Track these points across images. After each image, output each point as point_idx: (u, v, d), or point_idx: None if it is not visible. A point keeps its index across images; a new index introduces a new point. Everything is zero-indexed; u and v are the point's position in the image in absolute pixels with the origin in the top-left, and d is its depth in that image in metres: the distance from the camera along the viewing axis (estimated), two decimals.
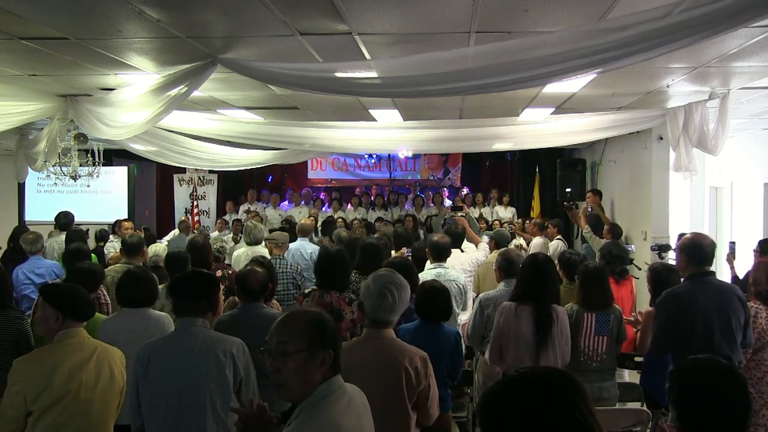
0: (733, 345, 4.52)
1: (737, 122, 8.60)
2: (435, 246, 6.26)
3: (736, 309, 4.56)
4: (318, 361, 2.39)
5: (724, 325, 4.51)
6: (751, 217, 10.56)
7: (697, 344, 4.39)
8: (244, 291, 4.54)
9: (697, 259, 4.68)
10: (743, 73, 6.30)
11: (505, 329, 4.60)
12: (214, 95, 7.52)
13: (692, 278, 4.68)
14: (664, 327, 4.60)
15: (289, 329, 2.42)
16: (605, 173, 12.78)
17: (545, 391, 1.64)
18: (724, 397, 2.51)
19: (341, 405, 2.40)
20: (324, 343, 2.41)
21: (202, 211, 15.12)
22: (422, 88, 5.17)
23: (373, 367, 3.31)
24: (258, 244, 7.63)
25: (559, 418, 1.59)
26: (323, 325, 2.46)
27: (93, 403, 3.50)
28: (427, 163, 16.71)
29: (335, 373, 2.46)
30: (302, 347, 2.37)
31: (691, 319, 4.49)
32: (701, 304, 4.51)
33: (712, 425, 2.51)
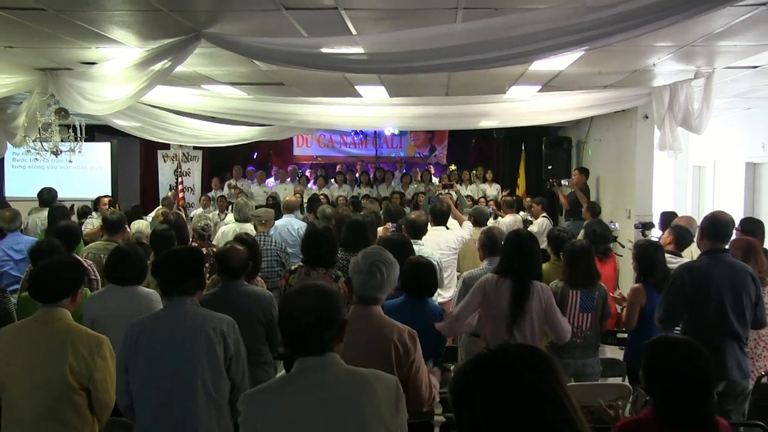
0: (743, 322, 4.59)
1: (721, 102, 8.63)
2: (412, 224, 6.30)
3: (748, 287, 4.62)
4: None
5: (736, 301, 4.57)
6: (733, 196, 10.64)
7: (709, 319, 4.47)
8: (224, 269, 4.52)
9: (713, 235, 4.74)
10: (728, 53, 6.31)
11: (483, 296, 4.61)
12: (198, 70, 7.44)
13: (708, 254, 4.73)
14: (676, 298, 4.64)
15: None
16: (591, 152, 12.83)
17: (515, 368, 1.64)
18: (691, 368, 2.71)
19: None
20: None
21: (187, 188, 15.05)
22: (408, 64, 5.14)
23: (363, 343, 3.32)
24: (247, 222, 7.61)
25: (530, 395, 1.59)
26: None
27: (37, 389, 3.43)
28: (413, 141, 16.68)
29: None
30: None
31: (705, 294, 4.56)
32: (714, 279, 4.57)
33: (680, 392, 2.69)
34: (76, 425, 3.44)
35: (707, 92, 7.17)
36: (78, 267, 3.84)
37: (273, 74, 7.67)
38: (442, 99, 9.23)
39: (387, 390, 2.48)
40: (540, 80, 7.99)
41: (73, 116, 8.25)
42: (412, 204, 12.75)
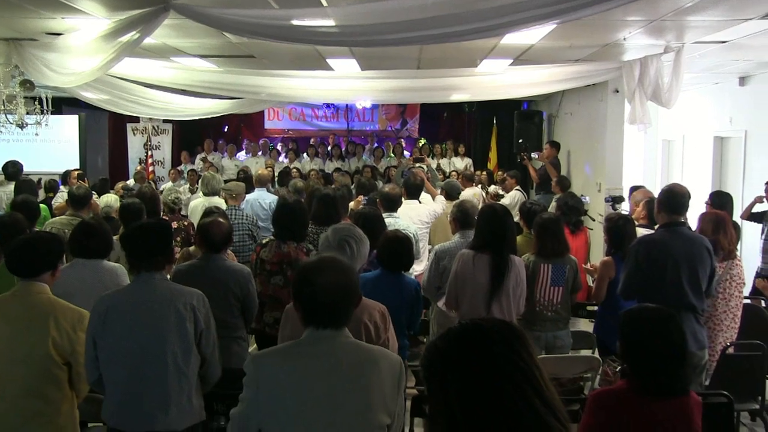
0: (699, 294, 4.64)
1: (690, 76, 8.70)
2: (386, 197, 6.29)
3: (704, 259, 4.66)
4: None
5: (692, 274, 4.61)
6: (701, 169, 10.78)
7: (666, 292, 4.50)
8: (207, 242, 4.49)
9: (670, 208, 4.76)
10: (697, 27, 6.35)
11: (461, 276, 4.64)
12: (167, 42, 7.33)
13: (665, 227, 4.76)
14: (634, 273, 4.69)
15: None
16: (562, 125, 12.89)
17: (487, 341, 1.64)
18: (665, 337, 2.76)
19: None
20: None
21: (157, 162, 14.88)
22: (380, 37, 5.10)
23: None
24: (215, 195, 7.55)
25: (502, 367, 1.60)
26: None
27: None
28: (385, 114, 16.62)
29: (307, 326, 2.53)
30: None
31: (662, 267, 4.59)
32: (672, 252, 4.60)
33: (654, 362, 2.74)
34: (56, 399, 3.42)
35: (677, 67, 7.22)
36: (57, 241, 3.79)
37: (243, 47, 7.58)
38: (413, 72, 9.20)
39: (392, 369, 2.52)
40: (511, 54, 7.99)
41: (39, 88, 8.10)
42: (384, 177, 12.74)
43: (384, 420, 2.45)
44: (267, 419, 2.42)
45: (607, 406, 2.77)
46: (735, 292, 5.14)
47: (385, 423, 2.46)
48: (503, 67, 8.64)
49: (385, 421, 2.45)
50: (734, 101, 9.94)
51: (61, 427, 3.44)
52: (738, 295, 5.17)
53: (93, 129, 14.40)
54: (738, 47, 7.20)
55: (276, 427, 2.41)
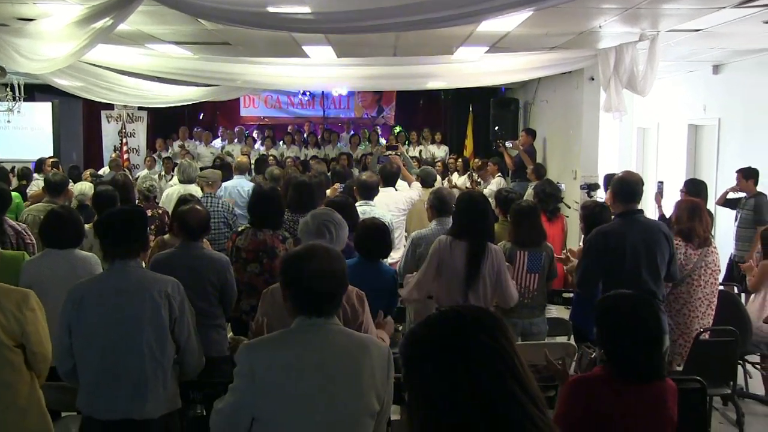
0: (658, 281, 4.67)
1: (664, 64, 8.76)
2: (363, 184, 6.28)
3: (662, 246, 4.69)
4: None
5: (650, 261, 4.64)
6: (676, 157, 10.87)
7: (624, 280, 4.48)
8: (185, 229, 4.46)
9: (624, 197, 4.78)
10: (672, 15, 6.39)
11: (438, 261, 4.64)
12: (141, 29, 7.24)
13: (621, 216, 4.79)
14: (591, 263, 4.73)
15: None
16: (537, 113, 12.94)
17: (467, 328, 1.64)
18: (641, 322, 2.77)
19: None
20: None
21: (132, 149, 14.73)
22: (356, 24, 5.09)
23: None
24: (191, 183, 7.50)
25: (482, 355, 1.60)
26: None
27: None
28: (361, 101, 16.60)
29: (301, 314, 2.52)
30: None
31: (620, 256, 4.61)
32: (629, 241, 4.63)
33: (630, 347, 2.75)
34: (13, 382, 3.37)
35: (651, 55, 7.27)
36: None
37: (219, 34, 7.52)
38: (389, 60, 9.19)
39: (381, 356, 2.53)
40: (487, 41, 7.99)
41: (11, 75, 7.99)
42: (360, 165, 12.73)
43: (375, 406, 2.46)
44: (262, 409, 2.41)
45: (584, 393, 2.79)
46: (710, 279, 5.19)
47: (376, 410, 2.47)
48: (479, 55, 8.64)
49: (376, 408, 2.47)
50: (708, 89, 10.03)
51: (23, 409, 3.38)
52: (713, 282, 5.23)
53: (66, 116, 14.22)
54: (712, 35, 7.26)
55: (271, 416, 2.41)
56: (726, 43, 7.81)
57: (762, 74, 8.65)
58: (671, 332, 5.14)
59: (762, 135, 8.56)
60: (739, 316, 5.56)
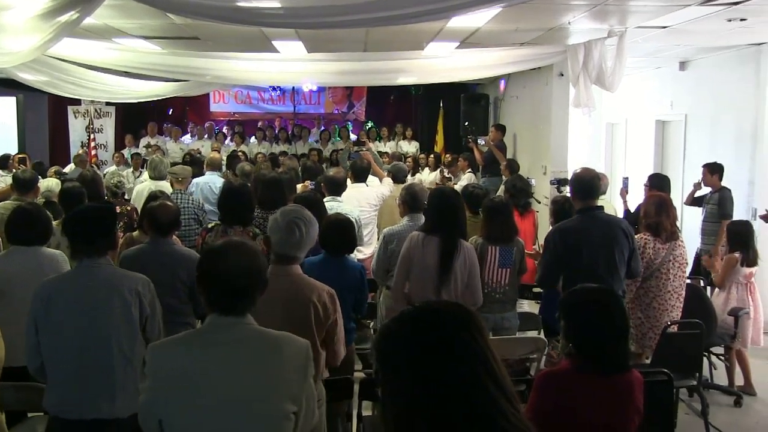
0: (616, 277, 4.72)
1: (632, 60, 8.85)
2: (330, 180, 6.27)
3: (621, 242, 4.74)
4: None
5: (609, 257, 4.69)
6: (644, 152, 10.99)
7: (581, 276, 4.52)
8: (154, 226, 4.41)
9: (582, 194, 4.83)
10: (640, 12, 6.46)
11: (410, 258, 4.65)
12: (108, 23, 7.14)
13: (580, 213, 4.84)
14: (551, 261, 4.78)
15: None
16: (508, 109, 13.00)
17: (440, 323, 1.64)
18: (609, 316, 2.81)
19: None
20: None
21: (100, 145, 14.53)
22: (326, 19, 5.07)
23: (281, 303, 3.29)
24: (162, 179, 7.43)
25: (455, 350, 1.60)
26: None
27: None
28: (332, 97, 16.55)
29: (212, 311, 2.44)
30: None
31: (577, 253, 4.66)
32: (587, 238, 4.68)
33: (599, 340, 2.79)
34: None
35: (620, 51, 7.34)
36: None
37: (188, 28, 7.44)
38: (360, 55, 9.17)
39: (296, 354, 2.45)
40: (457, 37, 8.01)
41: None
42: (331, 161, 12.71)
43: (289, 408, 2.37)
44: (166, 409, 2.34)
45: (554, 386, 2.82)
46: (678, 272, 5.27)
47: (290, 411, 2.38)
48: (450, 50, 8.66)
49: (290, 409, 2.37)
50: (675, 86, 10.15)
51: None
52: (681, 275, 5.31)
53: (32, 111, 13.97)
54: (678, 32, 7.34)
55: (175, 417, 2.33)
56: (691, 40, 7.91)
57: (726, 71, 8.78)
58: (641, 325, 5.21)
59: (726, 130, 8.69)
60: (705, 309, 5.65)
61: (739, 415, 5.78)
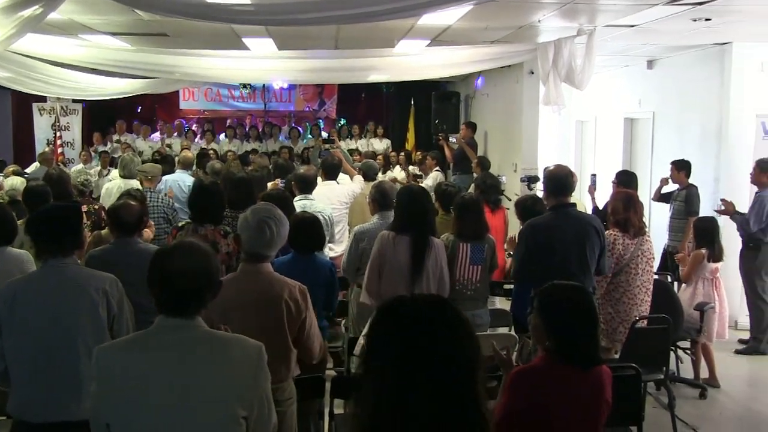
0: (587, 273, 4.77)
1: (601, 59, 8.93)
2: (301, 178, 6.26)
3: (592, 239, 4.79)
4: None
5: (580, 254, 4.73)
6: (613, 149, 11.10)
7: (553, 272, 4.55)
8: (118, 225, 4.35)
9: (555, 191, 4.86)
10: (608, 11, 6.52)
11: (381, 258, 4.65)
12: (74, 18, 7.04)
13: (553, 210, 4.87)
14: (525, 256, 4.80)
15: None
16: (479, 106, 13.06)
17: (421, 317, 1.69)
18: (583, 312, 2.86)
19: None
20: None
21: (66, 143, 14.30)
22: (296, 16, 5.04)
23: (253, 302, 3.28)
24: (133, 178, 7.35)
25: (442, 346, 1.65)
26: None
27: None
28: (303, 95, 16.50)
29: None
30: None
31: (549, 249, 4.69)
32: (559, 235, 4.71)
33: (575, 336, 2.83)
34: None
35: (589, 49, 7.39)
36: None
37: (156, 25, 7.37)
38: (331, 52, 9.15)
39: (246, 357, 2.39)
40: (429, 34, 8.02)
41: None
42: (302, 159, 12.68)
43: (238, 412, 2.32)
44: (111, 413, 2.29)
45: (527, 384, 2.84)
46: (646, 267, 5.33)
47: (240, 415, 2.33)
48: (421, 48, 8.67)
49: (239, 413, 2.32)
50: (643, 84, 10.26)
51: None
52: (649, 270, 5.37)
53: None
54: (645, 31, 7.43)
55: (120, 421, 2.29)
56: (658, 39, 8.01)
57: (692, 70, 8.89)
58: (612, 320, 5.27)
59: (693, 128, 8.80)
60: (672, 304, 5.73)
61: (704, 407, 5.90)
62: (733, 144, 8.04)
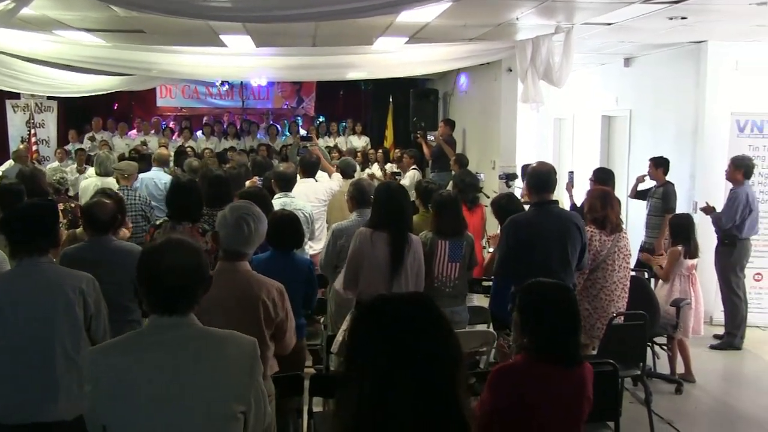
0: (568, 270, 4.79)
1: (579, 57, 8.97)
2: (280, 176, 6.23)
3: (573, 236, 4.81)
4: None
5: (562, 251, 4.75)
6: (590, 147, 11.18)
7: (534, 268, 4.56)
8: (92, 223, 4.31)
9: (538, 188, 4.88)
10: (586, 9, 6.55)
11: (359, 255, 4.64)
12: (48, 14, 6.95)
13: (535, 206, 4.89)
14: (507, 252, 4.82)
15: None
16: (457, 104, 13.08)
17: (401, 315, 1.69)
18: (566, 309, 2.88)
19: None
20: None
21: (41, 140, 14.16)
22: (274, 13, 5.02)
23: (230, 301, 3.26)
24: (109, 176, 7.27)
25: (425, 344, 1.65)
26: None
27: None
28: (281, 92, 16.44)
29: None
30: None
31: (531, 246, 4.71)
32: (541, 231, 4.73)
33: (558, 334, 2.84)
34: None
35: (567, 47, 7.42)
36: None
37: (132, 21, 7.30)
38: (309, 50, 9.12)
39: (241, 353, 2.39)
40: (407, 32, 8.02)
41: None
42: (281, 156, 12.64)
43: (236, 408, 2.32)
44: (107, 414, 2.27)
45: (510, 383, 2.84)
46: (623, 263, 5.36)
47: (238, 411, 2.32)
48: (399, 45, 8.66)
49: (237, 409, 2.32)
50: (620, 82, 10.34)
51: None
52: (626, 266, 5.41)
53: None
54: (622, 29, 7.48)
55: (117, 422, 2.26)
56: (635, 37, 8.07)
57: (668, 67, 8.97)
58: (589, 317, 5.29)
59: (669, 126, 8.88)
60: (648, 300, 5.78)
61: (679, 402, 5.97)
62: (709, 141, 8.12)
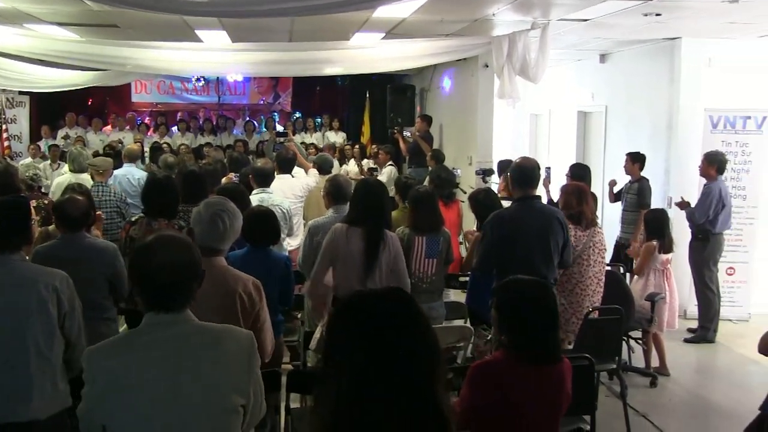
0: (550, 265, 4.80)
1: (555, 53, 9.02)
2: (258, 171, 6.21)
3: (556, 232, 4.82)
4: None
5: (544, 247, 4.76)
6: (567, 142, 11.24)
7: (516, 264, 4.56)
8: (64, 220, 4.26)
9: (521, 183, 4.89)
10: (562, 5, 6.58)
11: (333, 249, 4.62)
12: (18, 7, 6.86)
13: (518, 202, 4.91)
14: (488, 247, 4.82)
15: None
16: (434, 99, 13.10)
17: (377, 312, 1.70)
18: (545, 307, 2.88)
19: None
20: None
21: (13, 136, 13.96)
22: (250, 8, 5.00)
23: (207, 296, 3.22)
24: (83, 172, 7.19)
25: (406, 340, 1.66)
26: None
27: None
28: (257, 87, 16.36)
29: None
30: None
31: (513, 241, 4.72)
32: (524, 227, 4.74)
33: (537, 331, 2.84)
34: None
35: (543, 43, 7.46)
36: None
37: (106, 15, 7.21)
38: (285, 45, 9.09)
39: (238, 347, 2.40)
40: (384, 27, 8.01)
41: None
42: (257, 152, 12.59)
43: (237, 401, 2.33)
44: (107, 414, 2.26)
45: (490, 381, 2.84)
46: (598, 258, 5.40)
47: (239, 404, 2.33)
48: (376, 41, 8.66)
49: (238, 402, 2.33)
50: (595, 78, 10.40)
51: None
52: (601, 261, 5.45)
53: None
54: (598, 26, 7.53)
55: (117, 421, 2.25)
56: (611, 33, 8.12)
57: (642, 64, 9.04)
58: (565, 311, 5.33)
59: (644, 121, 8.96)
60: (623, 295, 5.82)
61: (654, 395, 6.04)
62: (683, 137, 8.20)
